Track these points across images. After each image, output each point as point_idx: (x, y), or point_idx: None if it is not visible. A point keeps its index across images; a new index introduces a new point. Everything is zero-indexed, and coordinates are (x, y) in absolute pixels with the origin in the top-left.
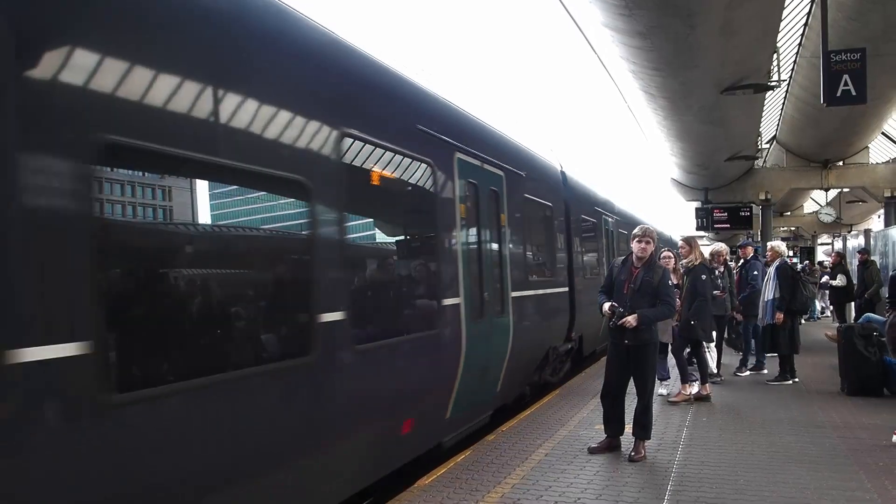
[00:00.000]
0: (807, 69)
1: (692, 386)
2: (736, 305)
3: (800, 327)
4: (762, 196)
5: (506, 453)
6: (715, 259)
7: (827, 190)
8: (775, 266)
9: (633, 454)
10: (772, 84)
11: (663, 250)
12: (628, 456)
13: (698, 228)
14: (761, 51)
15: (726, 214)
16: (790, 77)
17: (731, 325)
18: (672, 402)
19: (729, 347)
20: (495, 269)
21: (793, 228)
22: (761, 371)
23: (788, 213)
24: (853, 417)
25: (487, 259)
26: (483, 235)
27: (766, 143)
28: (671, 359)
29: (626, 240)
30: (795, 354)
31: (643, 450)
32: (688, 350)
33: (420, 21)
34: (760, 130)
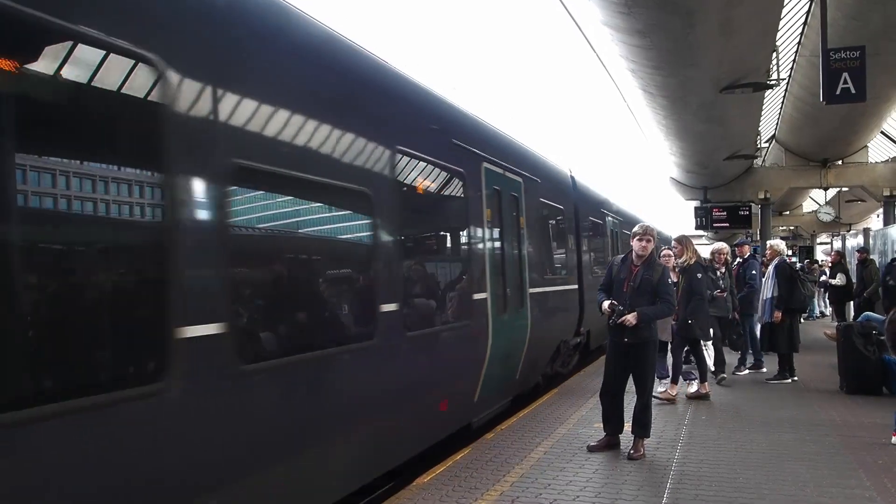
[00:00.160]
0: (806, 68)
1: (692, 385)
2: (737, 306)
3: (799, 326)
4: (761, 195)
5: (505, 451)
6: (715, 258)
7: (826, 189)
8: (774, 264)
9: (632, 452)
10: (771, 83)
11: (663, 249)
12: (627, 454)
13: (697, 228)
14: (760, 49)
15: (725, 214)
16: (789, 76)
17: (734, 326)
18: (657, 400)
19: (728, 347)
20: (516, 268)
21: (792, 228)
22: (760, 370)
23: (787, 213)
24: (852, 416)
25: (509, 258)
26: (505, 236)
27: (766, 143)
28: (670, 357)
29: (628, 239)
30: (795, 353)
31: (642, 448)
32: (686, 349)
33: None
34: (759, 129)
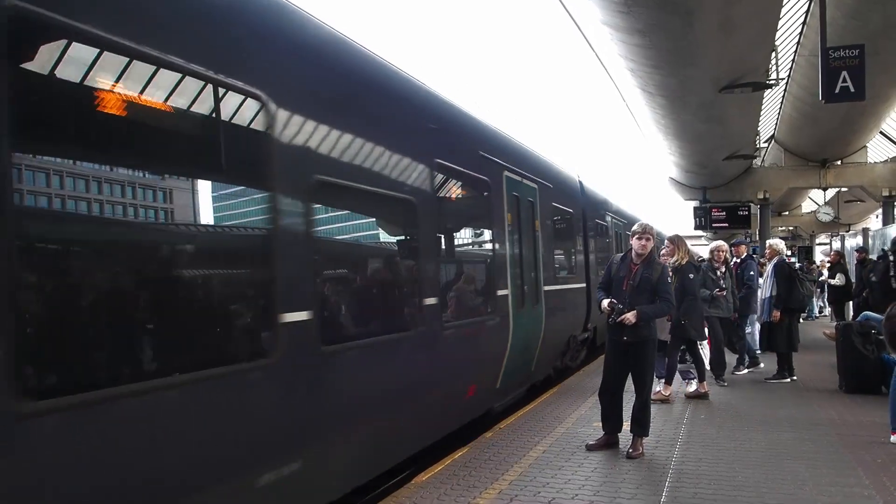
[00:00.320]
0: (805, 68)
1: (691, 384)
2: (737, 306)
3: (799, 326)
4: (760, 195)
5: (503, 450)
6: (714, 257)
7: (825, 189)
8: (773, 264)
9: (631, 451)
10: (770, 82)
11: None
12: (626, 453)
13: (697, 228)
14: (760, 49)
15: (724, 214)
16: (788, 76)
17: (734, 327)
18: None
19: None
20: (532, 267)
21: (791, 228)
22: (758, 366)
23: (787, 213)
24: (851, 415)
25: (527, 258)
26: (523, 238)
27: (765, 143)
28: None
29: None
30: (794, 352)
31: (641, 447)
32: (682, 349)
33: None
34: (759, 129)
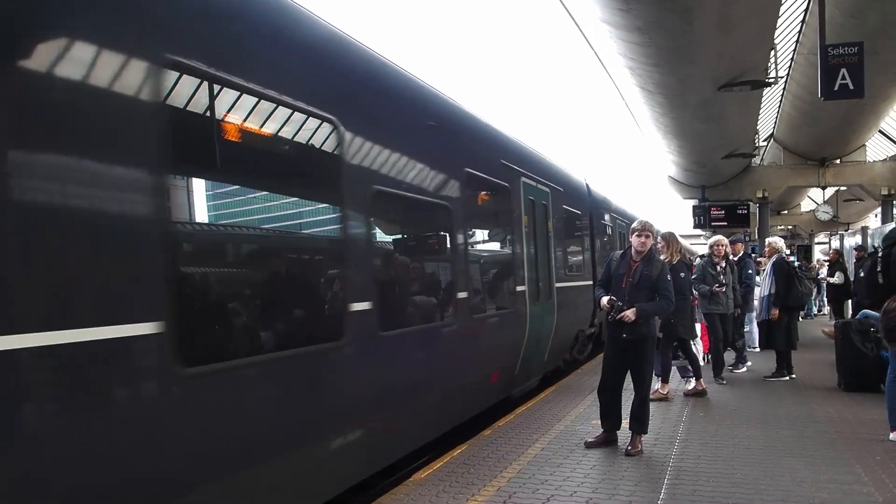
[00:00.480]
0: (804, 66)
1: (690, 382)
2: (739, 302)
3: (797, 324)
4: (759, 194)
5: (502, 448)
6: (714, 252)
7: (824, 188)
8: (772, 262)
9: (630, 448)
10: (769, 81)
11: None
12: (625, 450)
13: (696, 227)
14: (759, 47)
15: (723, 212)
16: (787, 74)
17: (738, 324)
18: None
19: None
20: (545, 265)
21: (790, 227)
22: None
23: (786, 212)
24: (850, 412)
25: (541, 257)
26: (538, 238)
27: (764, 141)
28: None
29: None
30: (793, 351)
31: (640, 444)
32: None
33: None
34: (758, 128)
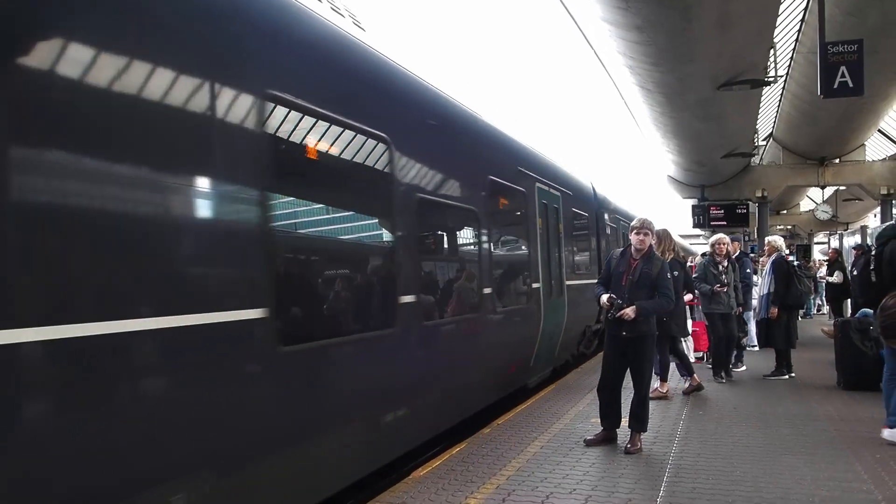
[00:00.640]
0: (804, 65)
1: (688, 381)
2: (741, 301)
3: (797, 323)
4: (759, 193)
5: (501, 446)
6: (716, 250)
7: (823, 188)
8: (771, 260)
9: (630, 446)
10: (768, 80)
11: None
12: (624, 448)
13: (695, 226)
14: (758, 46)
15: (723, 212)
16: (787, 73)
17: (741, 323)
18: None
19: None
20: (557, 264)
21: (789, 227)
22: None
23: (785, 211)
24: (850, 411)
25: (553, 256)
26: (550, 239)
27: (763, 141)
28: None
29: None
30: (792, 349)
31: (639, 442)
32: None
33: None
34: (757, 127)
